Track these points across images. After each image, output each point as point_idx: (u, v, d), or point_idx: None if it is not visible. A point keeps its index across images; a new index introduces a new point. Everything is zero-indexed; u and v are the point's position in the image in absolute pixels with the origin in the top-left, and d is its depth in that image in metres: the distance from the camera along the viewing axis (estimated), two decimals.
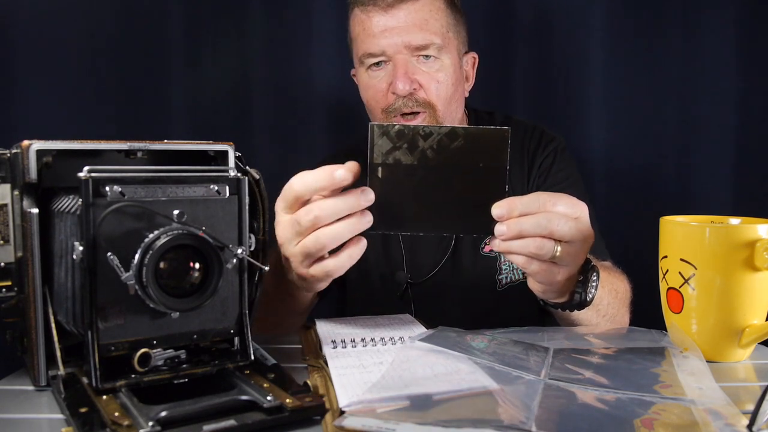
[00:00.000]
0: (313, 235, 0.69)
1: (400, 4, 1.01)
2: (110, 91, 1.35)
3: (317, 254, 0.70)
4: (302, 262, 0.71)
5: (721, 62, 1.44)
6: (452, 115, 1.09)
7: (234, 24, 1.41)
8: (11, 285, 0.61)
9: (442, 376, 0.60)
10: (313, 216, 0.67)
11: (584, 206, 0.71)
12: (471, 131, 0.69)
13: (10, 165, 0.60)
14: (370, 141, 0.69)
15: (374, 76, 1.07)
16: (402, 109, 1.04)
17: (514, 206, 0.68)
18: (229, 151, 0.67)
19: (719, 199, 1.45)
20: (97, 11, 1.34)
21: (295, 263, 0.72)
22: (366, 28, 1.04)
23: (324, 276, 0.72)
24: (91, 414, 0.50)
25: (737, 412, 0.53)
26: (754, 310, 0.69)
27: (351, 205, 0.67)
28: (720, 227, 0.72)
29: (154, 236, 0.54)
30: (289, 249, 0.71)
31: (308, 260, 0.71)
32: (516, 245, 0.69)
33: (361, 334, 0.75)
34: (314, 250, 0.69)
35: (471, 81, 1.15)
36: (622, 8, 1.45)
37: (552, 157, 1.13)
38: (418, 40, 1.01)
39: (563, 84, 1.47)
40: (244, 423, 0.50)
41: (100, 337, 0.54)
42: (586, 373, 0.62)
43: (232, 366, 0.59)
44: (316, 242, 0.68)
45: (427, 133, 0.69)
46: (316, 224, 0.68)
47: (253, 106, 1.44)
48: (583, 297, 0.77)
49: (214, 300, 0.58)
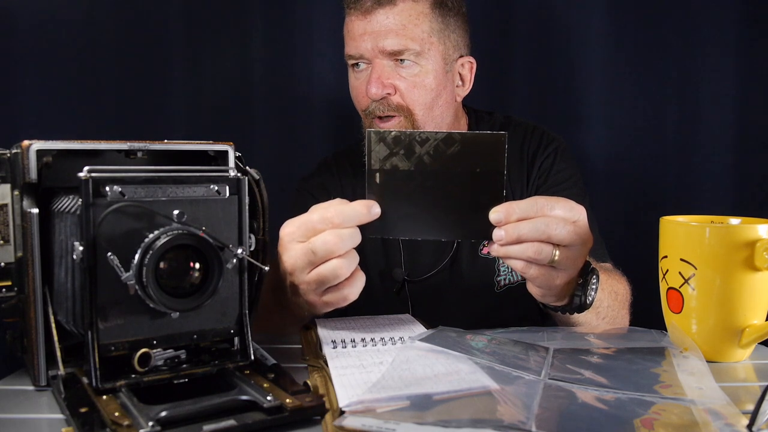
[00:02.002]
0: (329, 264, 0.70)
1: (378, 9, 1.02)
2: (110, 91, 1.35)
3: (333, 282, 0.71)
4: (315, 290, 0.72)
5: (721, 62, 1.44)
6: (436, 120, 1.08)
7: (234, 24, 1.41)
8: (11, 285, 0.61)
9: (442, 376, 0.60)
10: (332, 245, 0.69)
11: (582, 209, 0.71)
12: (468, 136, 0.69)
13: (10, 165, 0.60)
14: (368, 147, 0.70)
15: (356, 78, 1.09)
16: (376, 112, 1.05)
17: (512, 211, 0.68)
18: (229, 151, 0.67)
19: (719, 199, 1.45)
20: (97, 11, 1.34)
21: (307, 290, 0.72)
22: (349, 31, 1.06)
23: (341, 302, 0.73)
24: (91, 414, 0.50)
25: (737, 412, 0.53)
26: (754, 310, 0.69)
27: (360, 234, 0.70)
28: (720, 227, 0.72)
29: (154, 236, 0.54)
30: (301, 277, 0.71)
31: (321, 288, 0.72)
32: (514, 250, 0.69)
33: (361, 334, 0.75)
34: (331, 278, 0.70)
35: (467, 85, 1.13)
36: (622, 8, 1.45)
37: (552, 157, 1.13)
38: (392, 45, 1.02)
39: (563, 84, 1.47)
40: (244, 423, 0.50)
41: (100, 337, 0.54)
42: (586, 373, 0.62)
43: (232, 366, 0.59)
44: (333, 271, 0.70)
45: (424, 138, 0.69)
46: (332, 254, 0.69)
47: (253, 106, 1.43)
48: (583, 300, 0.77)
49: (214, 300, 0.58)
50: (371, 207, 0.70)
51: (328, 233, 0.69)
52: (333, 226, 0.69)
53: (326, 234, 0.69)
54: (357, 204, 0.70)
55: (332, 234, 0.69)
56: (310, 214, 0.71)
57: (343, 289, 0.72)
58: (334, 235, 0.69)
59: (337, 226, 0.69)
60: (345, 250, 0.69)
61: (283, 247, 0.72)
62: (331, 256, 0.69)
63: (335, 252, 0.69)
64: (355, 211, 0.70)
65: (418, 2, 1.03)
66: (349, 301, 0.73)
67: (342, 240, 0.69)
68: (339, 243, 0.69)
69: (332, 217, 0.69)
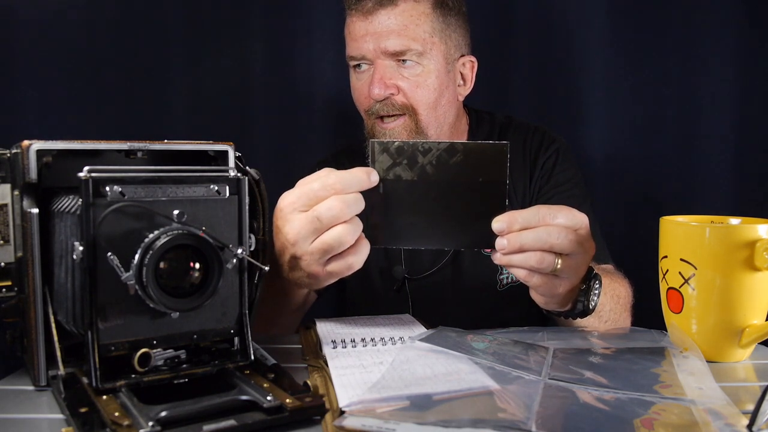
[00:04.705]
0: (334, 231, 0.69)
1: (379, 10, 1.02)
2: (110, 91, 1.35)
3: (338, 250, 0.70)
4: (319, 260, 0.71)
5: (721, 62, 1.44)
6: (439, 120, 1.08)
7: (234, 24, 1.41)
8: (11, 285, 0.61)
9: (442, 376, 0.60)
10: (337, 211, 0.68)
11: (584, 217, 0.71)
12: (470, 146, 0.70)
13: (10, 165, 0.60)
14: (371, 157, 0.70)
15: (358, 78, 1.09)
16: (379, 113, 1.05)
17: (514, 220, 0.68)
18: (229, 151, 0.67)
19: (719, 199, 1.45)
20: (97, 11, 1.34)
21: (310, 261, 0.71)
22: (350, 32, 1.06)
23: (345, 270, 0.72)
24: (91, 414, 0.50)
25: (737, 412, 0.53)
26: (754, 310, 0.69)
27: (362, 200, 0.70)
28: (720, 227, 0.72)
29: (154, 236, 0.54)
30: (304, 247, 0.70)
31: (325, 257, 0.70)
32: (517, 259, 0.69)
33: (361, 334, 0.75)
34: (335, 246, 0.69)
35: (469, 85, 1.14)
36: (622, 8, 1.45)
37: (554, 157, 1.13)
38: (394, 45, 1.02)
39: (563, 84, 1.47)
40: (244, 423, 0.50)
41: (100, 337, 0.54)
42: (586, 373, 0.62)
43: (232, 366, 0.59)
44: (338, 238, 0.69)
45: (427, 148, 0.70)
46: (338, 220, 0.68)
47: (253, 106, 1.43)
48: (586, 305, 0.77)
49: (214, 300, 0.58)
50: (370, 173, 0.70)
51: (333, 199, 0.68)
52: (335, 193, 0.68)
53: (331, 200, 0.68)
54: (357, 170, 0.70)
55: (337, 200, 0.68)
56: (310, 183, 0.70)
57: (348, 257, 0.71)
58: (339, 201, 0.68)
59: (340, 192, 0.68)
60: (350, 216, 0.68)
61: (283, 218, 0.71)
62: (337, 222, 0.68)
63: (341, 218, 0.68)
64: (356, 177, 0.69)
65: (420, 2, 1.03)
66: (353, 270, 0.72)
67: (347, 205, 0.68)
68: (344, 208, 0.68)
69: (334, 184, 0.68)
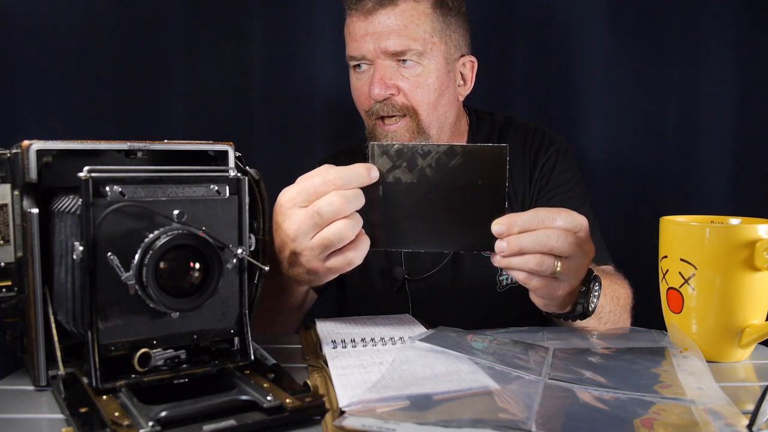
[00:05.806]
0: (334, 226, 0.69)
1: (380, 10, 1.02)
2: (110, 91, 1.35)
3: (338, 245, 0.70)
4: (319, 255, 0.70)
5: (721, 62, 1.44)
6: (440, 120, 1.08)
7: (234, 24, 1.41)
8: (11, 285, 0.61)
9: (442, 376, 0.60)
10: (337, 206, 0.68)
11: (584, 220, 0.71)
12: (469, 149, 0.70)
13: (10, 165, 0.60)
14: (371, 160, 0.71)
15: (358, 78, 1.09)
16: (380, 113, 1.05)
17: (513, 223, 0.68)
18: (229, 151, 0.67)
19: (719, 199, 1.45)
20: (97, 12, 1.34)
21: (310, 257, 0.71)
22: (350, 32, 1.06)
23: (345, 266, 0.71)
24: (91, 414, 0.50)
25: (737, 412, 0.53)
26: (754, 310, 0.69)
27: (363, 195, 0.70)
28: (720, 227, 0.72)
29: (154, 236, 0.54)
30: (304, 243, 0.70)
31: (325, 252, 0.70)
32: (516, 262, 0.69)
33: (361, 334, 0.75)
34: (336, 242, 0.69)
35: (469, 85, 1.14)
36: (622, 9, 1.45)
37: (554, 158, 1.13)
38: (394, 45, 1.02)
39: (563, 84, 1.47)
40: (244, 423, 0.50)
41: (100, 337, 0.54)
42: (586, 373, 0.62)
43: (232, 366, 0.59)
44: (338, 234, 0.69)
45: (426, 151, 0.70)
46: (338, 215, 0.68)
47: (253, 106, 1.43)
48: (586, 307, 0.77)
49: (214, 300, 0.58)
50: (371, 169, 0.70)
51: (333, 194, 0.68)
52: (336, 188, 0.69)
53: (331, 195, 0.68)
54: (357, 166, 0.70)
55: (337, 195, 0.68)
56: (310, 179, 0.70)
57: (348, 252, 0.71)
58: (339, 196, 0.68)
59: (340, 187, 0.69)
60: (351, 211, 0.69)
61: (283, 213, 0.71)
62: (337, 217, 0.68)
63: (341, 213, 0.68)
64: (356, 172, 0.69)
65: (420, 2, 1.03)
66: (353, 266, 0.72)
67: (348, 201, 0.68)
68: (345, 204, 0.68)
69: (334, 179, 0.69)
